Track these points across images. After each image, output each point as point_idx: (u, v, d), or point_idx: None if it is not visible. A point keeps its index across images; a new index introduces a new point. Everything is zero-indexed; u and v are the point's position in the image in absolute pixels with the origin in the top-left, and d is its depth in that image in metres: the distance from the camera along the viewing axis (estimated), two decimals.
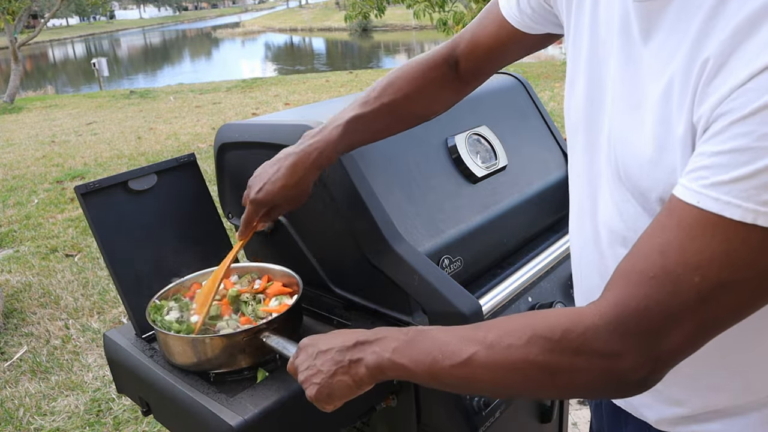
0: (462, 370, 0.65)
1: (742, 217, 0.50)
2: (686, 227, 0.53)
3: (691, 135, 0.56)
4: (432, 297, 0.98)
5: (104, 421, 2.29)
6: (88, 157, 6.48)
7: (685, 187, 0.54)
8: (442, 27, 9.59)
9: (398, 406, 1.12)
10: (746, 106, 0.49)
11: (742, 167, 0.49)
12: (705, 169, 0.52)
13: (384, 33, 34.39)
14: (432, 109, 1.05)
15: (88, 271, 3.61)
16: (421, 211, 1.12)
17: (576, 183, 0.82)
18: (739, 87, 0.50)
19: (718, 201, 0.51)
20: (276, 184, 0.98)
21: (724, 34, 0.52)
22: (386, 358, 0.72)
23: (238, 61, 26.91)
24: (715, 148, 0.52)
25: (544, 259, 1.27)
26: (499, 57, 0.97)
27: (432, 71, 1.00)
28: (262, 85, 12.25)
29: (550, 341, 0.60)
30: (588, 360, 0.59)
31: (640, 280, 0.56)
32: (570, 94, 0.80)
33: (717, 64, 0.52)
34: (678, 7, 0.58)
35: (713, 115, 0.52)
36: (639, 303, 0.56)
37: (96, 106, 11.03)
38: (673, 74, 0.58)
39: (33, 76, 23.51)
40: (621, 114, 0.68)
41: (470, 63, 0.98)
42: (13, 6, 11.55)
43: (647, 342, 0.56)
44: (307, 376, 0.79)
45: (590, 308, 0.60)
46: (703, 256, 0.52)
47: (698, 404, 0.73)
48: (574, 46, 0.77)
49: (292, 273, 1.13)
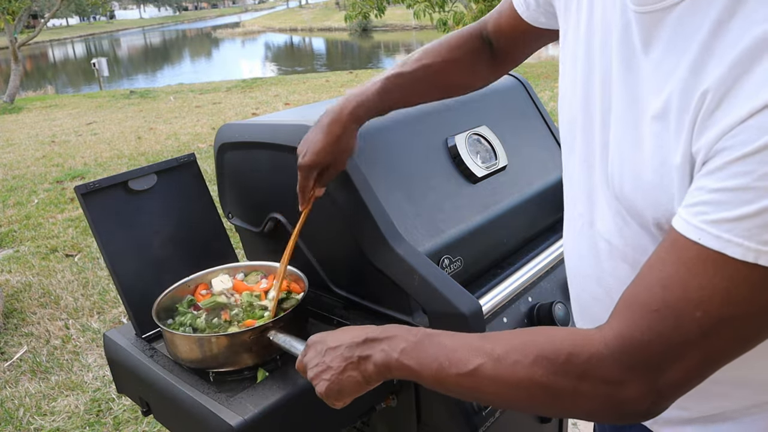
0: (467, 379, 0.66)
1: (743, 256, 0.50)
2: (687, 262, 0.54)
3: (689, 165, 0.56)
4: (432, 297, 0.98)
5: (104, 421, 2.29)
6: (88, 157, 6.48)
7: (686, 221, 0.54)
8: (442, 27, 9.59)
9: (398, 406, 1.11)
10: (747, 145, 0.49)
11: (743, 206, 0.50)
12: (706, 204, 0.52)
13: (384, 33, 34.39)
14: (468, 81, 1.06)
15: (88, 271, 3.61)
16: (421, 211, 1.12)
17: (571, 192, 0.82)
18: (739, 123, 0.50)
19: (719, 239, 0.51)
20: (318, 144, 0.98)
21: (724, 64, 0.52)
22: (394, 358, 0.72)
23: (238, 61, 26.91)
24: (716, 185, 0.52)
25: (544, 259, 1.27)
26: (520, 44, 0.99)
27: (470, 42, 1.01)
28: (262, 85, 12.24)
29: (554, 364, 0.61)
30: (591, 386, 0.59)
31: (643, 312, 0.57)
32: (565, 99, 0.79)
33: (717, 96, 0.52)
34: (674, 23, 0.58)
35: (713, 149, 0.52)
36: (642, 335, 0.56)
37: (96, 106, 11.03)
38: (670, 98, 0.58)
39: (33, 76, 23.50)
40: (619, 131, 0.67)
41: (500, 45, 1.00)
42: (13, 6, 11.55)
43: (650, 374, 0.57)
44: (317, 373, 0.79)
45: (596, 334, 0.60)
46: (705, 292, 0.53)
47: (703, 408, 0.73)
48: (569, 49, 0.77)
49: (297, 272, 1.14)
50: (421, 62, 1.00)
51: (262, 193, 1.27)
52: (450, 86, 1.06)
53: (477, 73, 1.05)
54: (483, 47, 1.02)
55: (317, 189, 1.03)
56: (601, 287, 0.76)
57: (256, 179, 1.26)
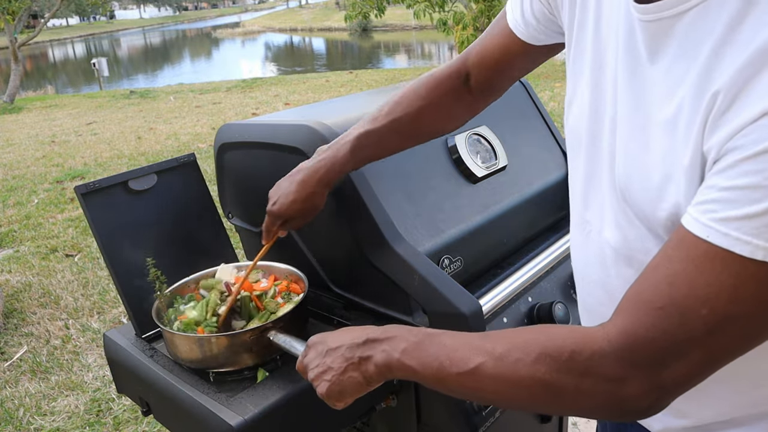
0: (468, 378, 0.66)
1: (751, 253, 0.50)
2: (695, 259, 0.54)
3: (699, 164, 0.56)
4: (432, 297, 0.98)
5: (104, 421, 2.29)
6: (88, 157, 6.48)
7: (694, 219, 0.54)
8: (442, 27, 9.60)
9: (398, 406, 1.11)
10: (758, 144, 0.49)
11: (752, 205, 0.50)
12: (715, 202, 0.52)
13: (384, 33, 34.38)
14: (442, 126, 1.05)
15: (88, 271, 3.61)
16: (421, 211, 1.12)
17: (578, 199, 0.81)
18: (751, 123, 0.50)
19: (727, 236, 0.51)
20: (288, 198, 1.02)
21: (735, 65, 0.52)
22: (395, 359, 0.72)
23: (238, 61, 26.91)
24: (726, 183, 0.52)
25: (544, 259, 1.27)
26: (507, 70, 0.96)
27: (442, 86, 0.99)
28: (262, 85, 12.25)
29: (557, 361, 0.61)
30: (594, 383, 0.59)
31: (648, 309, 0.57)
32: (572, 106, 0.79)
33: (729, 97, 0.52)
34: (685, 30, 0.58)
35: (724, 148, 0.52)
36: (647, 332, 0.56)
37: (96, 106, 11.03)
38: (681, 103, 0.58)
39: (33, 76, 23.50)
40: (626, 134, 0.67)
41: (480, 76, 0.97)
42: (13, 6, 11.55)
43: (653, 371, 0.57)
44: (318, 374, 0.79)
45: (599, 332, 0.60)
46: (711, 289, 0.53)
47: (705, 415, 0.73)
48: (577, 58, 0.77)
49: (297, 272, 1.14)
50: (390, 117, 0.99)
51: (262, 193, 1.26)
52: (422, 134, 1.05)
53: (451, 117, 1.03)
54: (459, 87, 0.99)
55: (280, 232, 1.09)
56: (607, 292, 0.76)
57: (256, 179, 1.26)
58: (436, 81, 0.99)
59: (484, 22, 9.21)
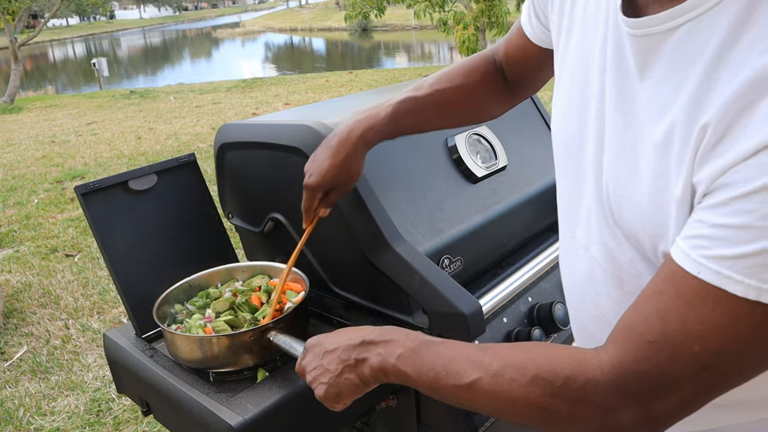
0: (464, 392, 0.66)
1: (744, 293, 0.49)
2: (685, 295, 0.53)
3: (689, 196, 0.56)
4: (432, 297, 0.98)
5: (104, 421, 2.29)
6: (88, 157, 6.48)
7: (685, 254, 0.53)
8: (443, 27, 9.60)
9: (398, 406, 1.11)
10: (750, 183, 0.48)
11: (744, 245, 0.49)
12: (706, 239, 0.52)
13: (384, 33, 34.37)
14: (482, 108, 1.03)
15: (88, 271, 3.61)
16: (421, 211, 1.12)
17: (564, 214, 0.80)
18: (743, 160, 0.49)
19: (719, 275, 0.50)
20: (324, 166, 0.96)
21: (725, 97, 0.51)
22: (391, 363, 0.72)
23: (238, 61, 26.91)
24: (718, 220, 0.51)
25: (544, 259, 1.27)
26: (529, 70, 0.96)
27: (484, 66, 0.99)
28: (262, 85, 12.24)
29: (551, 386, 0.60)
30: (587, 411, 0.59)
31: (640, 342, 0.56)
32: (556, 116, 0.78)
33: (719, 130, 0.51)
34: (673, 48, 0.57)
35: (715, 183, 0.52)
36: (639, 366, 0.56)
37: (96, 106, 11.03)
38: (672, 128, 0.57)
39: (33, 76, 23.49)
40: (615, 153, 0.66)
41: (510, 70, 0.98)
42: (13, 6, 11.54)
43: (646, 402, 0.57)
44: (315, 377, 0.79)
45: (593, 359, 0.60)
46: (703, 326, 0.52)
47: (701, 422, 0.72)
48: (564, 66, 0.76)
49: (298, 272, 1.14)
50: (434, 88, 0.97)
51: (262, 193, 1.27)
52: (463, 113, 1.02)
53: (492, 99, 1.01)
54: (498, 75, 0.99)
55: (321, 209, 1.02)
56: (597, 309, 0.75)
57: (256, 179, 1.26)
58: (479, 63, 0.99)
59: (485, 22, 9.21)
